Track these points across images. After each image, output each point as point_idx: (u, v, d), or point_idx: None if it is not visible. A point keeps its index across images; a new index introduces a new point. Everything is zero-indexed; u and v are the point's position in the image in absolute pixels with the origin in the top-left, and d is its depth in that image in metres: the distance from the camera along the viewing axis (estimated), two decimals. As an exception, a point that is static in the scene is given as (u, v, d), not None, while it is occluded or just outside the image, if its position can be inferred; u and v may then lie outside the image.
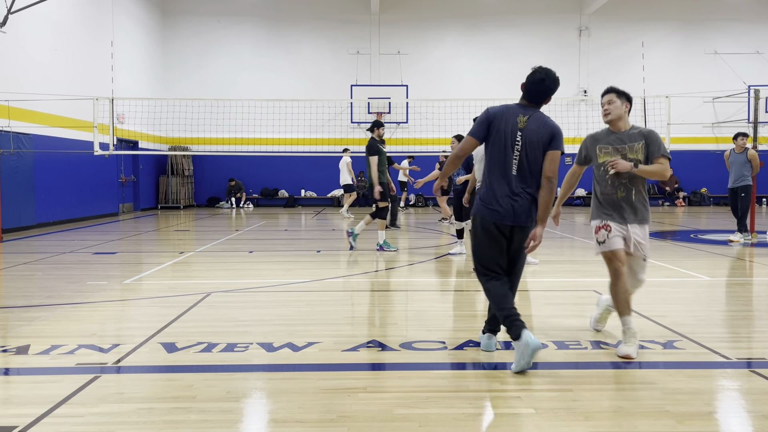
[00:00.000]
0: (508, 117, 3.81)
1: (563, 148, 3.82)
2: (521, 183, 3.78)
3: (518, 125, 3.79)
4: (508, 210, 3.75)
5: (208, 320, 5.01)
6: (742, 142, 10.13)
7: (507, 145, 3.78)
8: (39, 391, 3.37)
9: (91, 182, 15.86)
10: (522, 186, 3.78)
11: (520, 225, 3.78)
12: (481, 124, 3.86)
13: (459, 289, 6.42)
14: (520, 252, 3.89)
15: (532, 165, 3.78)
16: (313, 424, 2.94)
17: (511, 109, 3.85)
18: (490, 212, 3.79)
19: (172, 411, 3.09)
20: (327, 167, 21.30)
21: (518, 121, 3.79)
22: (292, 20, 21.81)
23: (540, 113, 3.85)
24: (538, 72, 3.81)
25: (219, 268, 7.92)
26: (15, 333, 4.61)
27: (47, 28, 13.86)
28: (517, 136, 3.78)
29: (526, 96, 3.88)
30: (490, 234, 3.81)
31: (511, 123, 3.79)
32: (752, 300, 6.01)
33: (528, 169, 3.78)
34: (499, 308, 3.73)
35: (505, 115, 3.82)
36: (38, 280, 7.01)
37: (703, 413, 3.04)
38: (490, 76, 21.54)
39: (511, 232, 3.81)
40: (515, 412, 3.08)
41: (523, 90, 3.89)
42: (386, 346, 4.21)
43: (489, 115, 3.86)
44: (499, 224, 3.78)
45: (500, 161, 3.80)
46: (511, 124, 3.79)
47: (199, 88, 21.01)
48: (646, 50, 20.72)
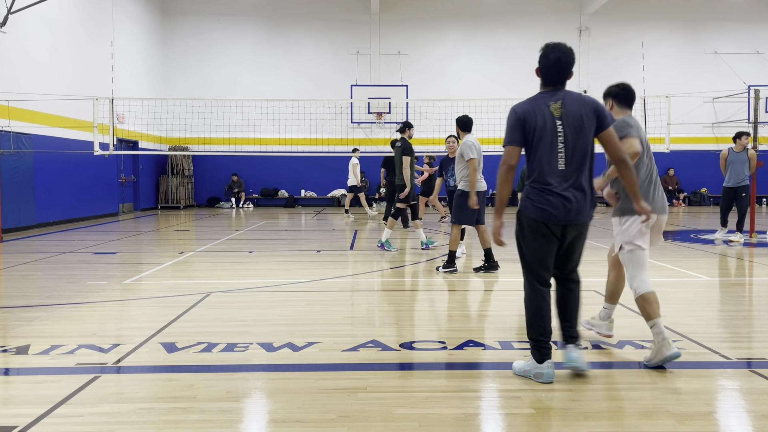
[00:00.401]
0: (540, 110, 3.43)
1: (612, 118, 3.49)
2: (572, 177, 3.40)
3: (554, 114, 3.41)
4: (560, 209, 3.39)
5: (208, 320, 5.01)
6: (745, 141, 10.16)
7: (549, 141, 3.40)
8: (39, 391, 3.37)
9: (91, 182, 15.86)
10: (573, 181, 3.40)
11: (575, 223, 3.45)
12: (514, 128, 3.48)
13: (459, 289, 6.42)
14: (575, 248, 3.58)
15: (580, 154, 3.40)
16: (313, 424, 2.94)
17: (538, 100, 3.48)
18: (540, 211, 3.42)
19: (172, 411, 3.09)
20: (327, 167, 21.32)
21: (552, 110, 3.41)
22: (292, 20, 21.81)
23: (572, 92, 3.48)
24: (551, 51, 3.46)
25: (219, 268, 7.92)
26: (15, 333, 4.61)
27: (47, 28, 13.86)
28: (557, 126, 3.39)
29: (546, 80, 3.52)
30: (539, 234, 3.47)
31: (545, 115, 3.41)
32: (752, 300, 6.01)
33: (578, 160, 3.40)
34: (532, 326, 3.53)
35: (535, 110, 3.44)
36: (38, 280, 7.01)
37: (703, 413, 3.04)
38: (490, 76, 21.54)
39: (564, 231, 3.47)
40: (515, 412, 3.08)
41: (540, 75, 3.54)
42: (386, 346, 4.21)
43: (519, 116, 3.48)
44: (550, 224, 3.43)
45: (544, 160, 3.41)
46: (547, 117, 3.41)
47: (199, 88, 21.00)
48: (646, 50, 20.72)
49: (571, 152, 3.39)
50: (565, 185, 3.40)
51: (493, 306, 5.60)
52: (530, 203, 3.47)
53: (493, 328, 4.69)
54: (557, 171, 3.40)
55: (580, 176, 3.42)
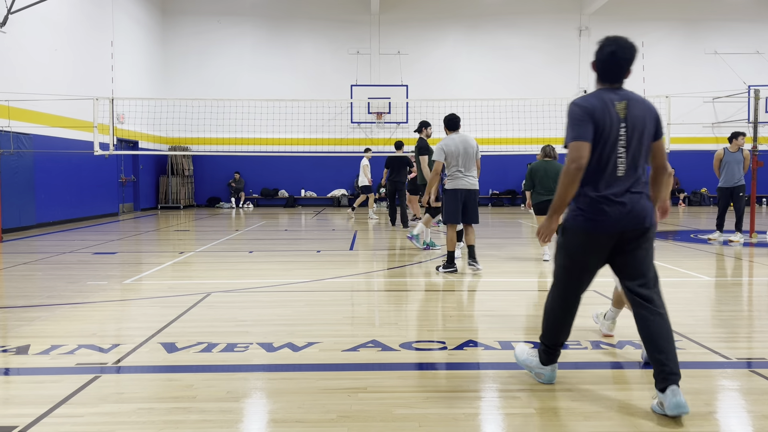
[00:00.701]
0: (607, 108, 3.11)
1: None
2: (630, 183, 3.13)
3: (619, 116, 3.11)
4: (616, 216, 3.09)
5: (208, 320, 5.01)
6: (741, 141, 10.19)
7: (610, 144, 3.10)
8: (39, 391, 3.37)
9: (91, 182, 15.86)
10: (630, 186, 3.13)
11: (640, 228, 3.14)
12: (583, 121, 3.11)
13: (459, 289, 6.42)
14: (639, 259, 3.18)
15: (639, 161, 3.15)
16: (313, 424, 2.94)
17: (603, 97, 3.16)
18: (593, 224, 3.12)
19: (172, 411, 3.09)
20: (327, 167, 21.33)
21: (617, 110, 3.12)
22: (292, 20, 21.82)
23: (635, 94, 3.22)
24: (607, 45, 3.19)
25: (219, 268, 7.92)
26: (15, 333, 4.61)
27: (47, 28, 13.86)
28: (621, 129, 3.10)
29: (602, 76, 3.23)
30: (588, 249, 3.18)
31: (612, 115, 3.10)
32: (752, 300, 6.01)
33: (636, 167, 3.15)
34: (550, 333, 3.37)
35: (602, 107, 3.11)
36: (38, 280, 7.01)
37: (703, 413, 3.04)
38: (490, 76, 21.55)
39: (620, 240, 3.15)
40: (515, 412, 3.08)
41: (596, 69, 3.25)
42: (386, 346, 4.21)
43: (587, 109, 3.11)
44: (604, 235, 3.13)
45: (601, 164, 3.11)
46: (613, 116, 3.10)
47: (199, 88, 21.01)
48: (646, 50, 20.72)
49: (631, 158, 3.12)
50: (622, 192, 3.11)
51: (493, 306, 5.60)
52: (581, 214, 3.15)
53: (493, 328, 4.69)
54: (615, 177, 3.11)
55: (638, 182, 3.15)
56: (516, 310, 5.37)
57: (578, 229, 3.17)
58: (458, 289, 6.42)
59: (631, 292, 3.21)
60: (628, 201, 3.11)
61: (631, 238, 3.15)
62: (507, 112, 18.67)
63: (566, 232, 3.25)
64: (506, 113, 18.62)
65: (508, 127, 18.60)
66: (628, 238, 3.15)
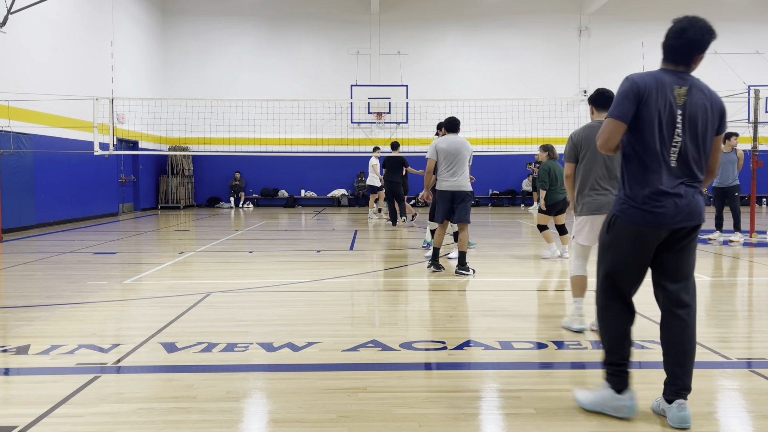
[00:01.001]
0: (662, 90, 2.85)
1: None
2: (684, 176, 2.89)
3: (676, 101, 2.86)
4: (671, 209, 2.85)
5: (208, 320, 5.01)
6: (734, 141, 10.26)
7: (663, 130, 2.85)
8: (39, 391, 3.37)
9: (91, 182, 15.86)
10: (685, 179, 2.89)
11: (693, 225, 2.91)
12: (627, 99, 2.85)
13: (459, 290, 6.41)
14: (685, 259, 2.95)
15: (694, 153, 2.89)
16: (313, 424, 2.94)
17: (662, 78, 2.88)
18: (648, 216, 2.86)
19: (172, 411, 3.09)
20: (327, 167, 21.32)
21: (675, 95, 2.86)
22: (292, 20, 21.81)
23: (701, 82, 2.96)
24: (679, 21, 2.95)
25: (219, 268, 7.92)
26: (15, 333, 4.61)
27: (47, 28, 13.86)
28: (677, 115, 2.86)
29: (669, 56, 2.95)
30: (639, 244, 2.91)
31: (667, 98, 2.85)
32: (752, 300, 6.01)
33: (690, 159, 2.89)
34: (612, 348, 2.99)
35: (658, 88, 2.85)
36: (38, 280, 7.01)
37: (703, 413, 3.04)
38: (490, 76, 21.54)
39: (672, 237, 2.91)
40: (515, 412, 3.08)
41: (665, 48, 2.97)
42: (386, 346, 4.21)
43: (638, 87, 2.85)
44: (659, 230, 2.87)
45: (651, 150, 2.86)
46: (668, 100, 2.85)
47: (199, 88, 21.00)
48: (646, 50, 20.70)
49: (686, 148, 2.86)
50: (676, 184, 2.87)
51: (493, 306, 5.59)
52: (633, 205, 2.89)
53: (493, 328, 4.69)
54: (668, 167, 2.86)
55: (693, 174, 2.90)
56: (516, 310, 5.37)
57: (630, 221, 2.90)
58: (458, 289, 6.42)
59: (670, 295, 2.95)
60: (684, 193, 2.87)
61: (682, 235, 2.91)
62: (507, 112, 18.67)
63: (613, 225, 2.97)
64: (506, 113, 18.63)
65: (508, 127, 18.60)
66: (680, 235, 2.91)
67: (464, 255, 7.16)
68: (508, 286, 6.66)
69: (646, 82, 2.86)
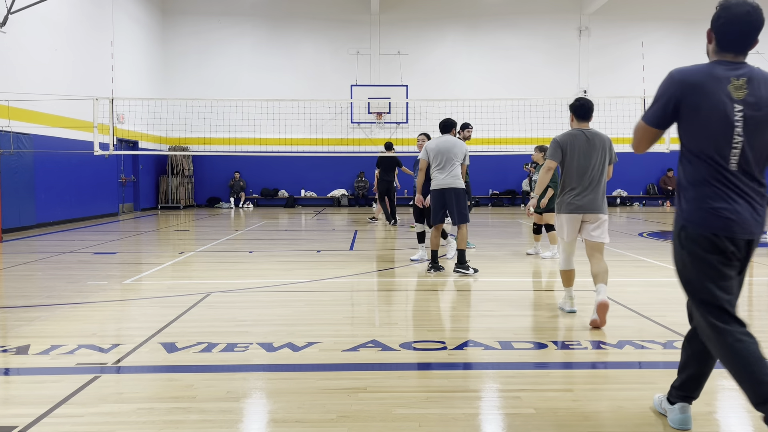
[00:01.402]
0: (713, 84, 2.48)
1: None
2: (747, 180, 2.50)
3: (734, 96, 2.46)
4: (746, 215, 2.49)
5: (208, 320, 5.01)
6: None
7: (719, 129, 2.47)
8: (39, 391, 3.37)
9: (91, 182, 15.86)
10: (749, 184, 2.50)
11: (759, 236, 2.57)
12: (661, 97, 2.56)
13: (459, 290, 6.42)
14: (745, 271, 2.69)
15: (759, 153, 2.49)
16: (313, 424, 2.94)
17: (713, 71, 2.51)
18: (718, 221, 2.48)
19: (172, 411, 3.09)
20: (327, 167, 21.31)
21: (732, 89, 2.47)
22: (292, 20, 21.81)
23: (763, 72, 2.56)
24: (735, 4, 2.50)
25: (219, 268, 7.92)
26: (15, 333, 4.61)
27: (47, 28, 13.86)
28: (735, 112, 2.45)
29: (721, 43, 2.56)
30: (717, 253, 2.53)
31: (721, 93, 2.47)
32: (752, 300, 6.01)
33: (757, 161, 2.50)
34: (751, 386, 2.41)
35: (705, 82, 2.49)
36: (38, 280, 7.01)
37: (703, 413, 3.04)
38: (490, 76, 21.54)
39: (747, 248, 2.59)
40: (515, 412, 3.08)
41: (714, 35, 2.58)
42: (386, 346, 4.21)
43: (682, 83, 2.51)
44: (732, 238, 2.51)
45: (705, 153, 2.51)
46: (723, 95, 2.47)
47: (199, 88, 21.00)
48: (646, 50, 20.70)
49: (749, 149, 2.47)
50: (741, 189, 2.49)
51: (493, 306, 5.59)
52: (698, 208, 2.52)
53: (493, 328, 4.69)
54: (727, 171, 2.48)
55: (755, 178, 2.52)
56: (516, 310, 5.37)
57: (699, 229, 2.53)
58: (458, 289, 6.42)
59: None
60: (752, 202, 2.50)
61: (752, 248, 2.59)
62: (507, 112, 18.66)
63: (681, 239, 2.61)
64: (506, 113, 18.62)
65: (508, 127, 18.59)
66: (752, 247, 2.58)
67: (463, 253, 7.17)
68: (508, 286, 6.66)
69: (694, 75, 2.52)
